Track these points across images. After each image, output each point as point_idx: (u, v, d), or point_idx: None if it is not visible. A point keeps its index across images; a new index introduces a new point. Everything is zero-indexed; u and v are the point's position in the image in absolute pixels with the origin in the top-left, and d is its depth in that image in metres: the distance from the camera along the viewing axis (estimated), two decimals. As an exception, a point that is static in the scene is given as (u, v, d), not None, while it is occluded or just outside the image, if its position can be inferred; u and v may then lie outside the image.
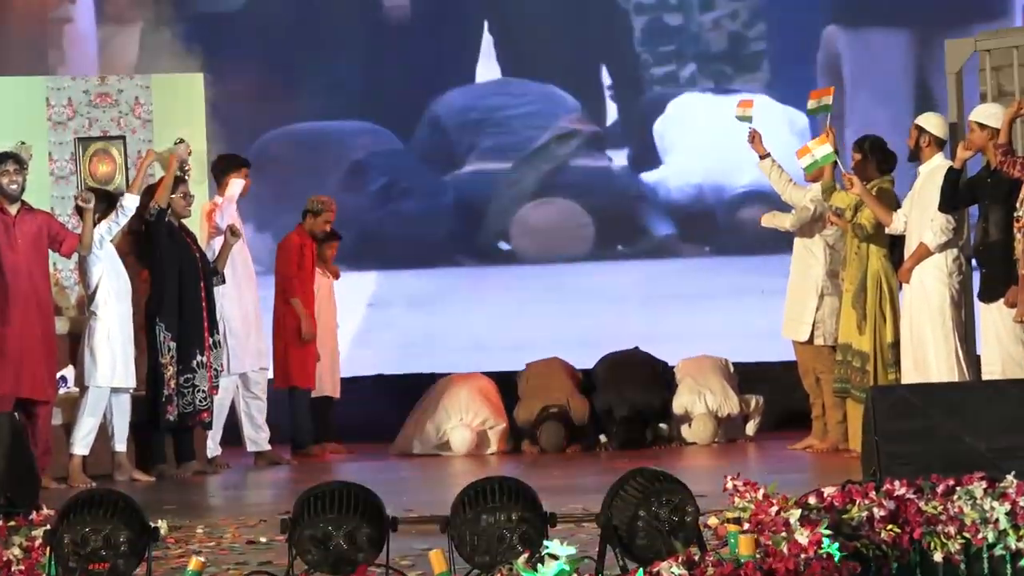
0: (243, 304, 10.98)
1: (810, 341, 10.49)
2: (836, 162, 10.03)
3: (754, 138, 10.56)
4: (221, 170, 11.09)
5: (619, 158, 13.27)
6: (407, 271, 13.32)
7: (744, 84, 12.91)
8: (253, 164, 11.27)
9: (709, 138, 12.76)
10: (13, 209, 9.68)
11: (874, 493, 5.59)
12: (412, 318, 12.89)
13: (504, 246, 13.35)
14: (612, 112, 13.27)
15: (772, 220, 10.73)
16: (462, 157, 13.26)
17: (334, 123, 13.40)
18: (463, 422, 11.49)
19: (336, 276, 12.04)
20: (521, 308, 12.77)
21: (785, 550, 4.94)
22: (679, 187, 13.27)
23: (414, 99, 13.18)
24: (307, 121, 13.44)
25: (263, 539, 6.89)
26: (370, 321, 13.23)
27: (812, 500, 5.56)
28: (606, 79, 13.26)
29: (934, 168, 9.29)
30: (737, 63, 13.25)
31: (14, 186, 9.66)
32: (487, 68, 13.19)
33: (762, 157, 10.59)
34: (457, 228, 13.35)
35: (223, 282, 10.75)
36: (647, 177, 13.33)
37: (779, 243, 11.24)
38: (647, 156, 13.28)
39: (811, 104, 10.35)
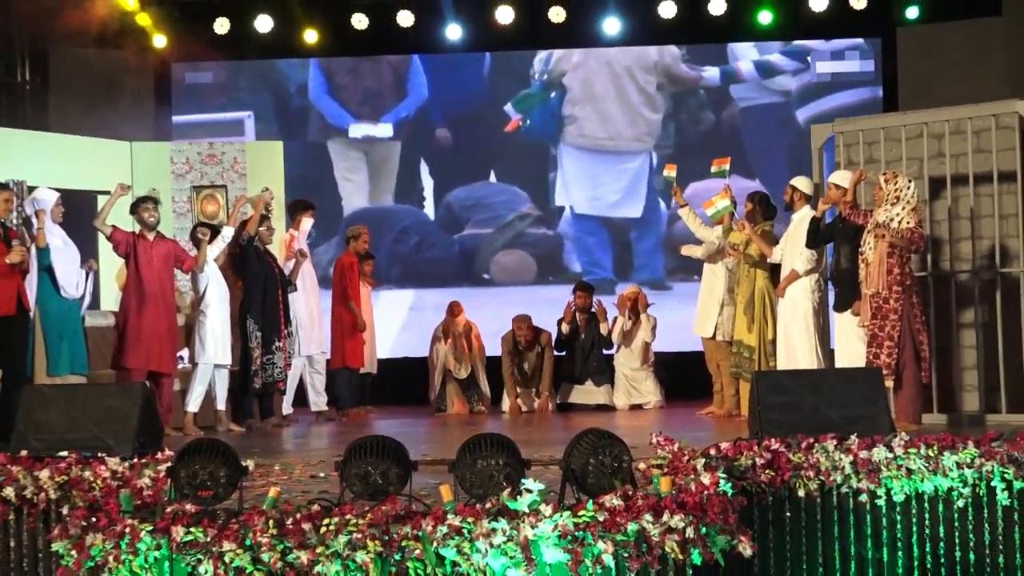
0: (309, 305, 10.68)
1: (713, 337, 10.26)
2: (733, 212, 9.88)
3: (676, 192, 10.27)
4: (294, 210, 10.83)
5: (553, 228, 14.04)
6: (431, 289, 13.58)
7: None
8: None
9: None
10: (151, 236, 9.37)
11: (757, 447, 5.47)
12: (434, 318, 12.30)
13: (486, 275, 13.80)
14: (558, 199, 13.83)
15: (688, 251, 10.38)
16: (463, 225, 13.83)
17: (390, 206, 13.84)
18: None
19: (373, 286, 11.80)
20: (498, 312, 12.64)
21: (693, 488, 4.83)
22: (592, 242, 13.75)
23: (437, 192, 13.78)
24: (372, 205, 13.87)
25: (322, 475, 6.61)
26: (410, 318, 13.55)
27: (712, 452, 5.42)
28: (552, 184, 13.83)
29: (803, 216, 9.11)
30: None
31: (152, 219, 9.37)
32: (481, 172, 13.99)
33: (682, 206, 10.29)
34: (460, 265, 13.78)
35: (295, 290, 10.43)
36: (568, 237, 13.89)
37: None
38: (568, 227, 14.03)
39: (714, 169, 9.85)
